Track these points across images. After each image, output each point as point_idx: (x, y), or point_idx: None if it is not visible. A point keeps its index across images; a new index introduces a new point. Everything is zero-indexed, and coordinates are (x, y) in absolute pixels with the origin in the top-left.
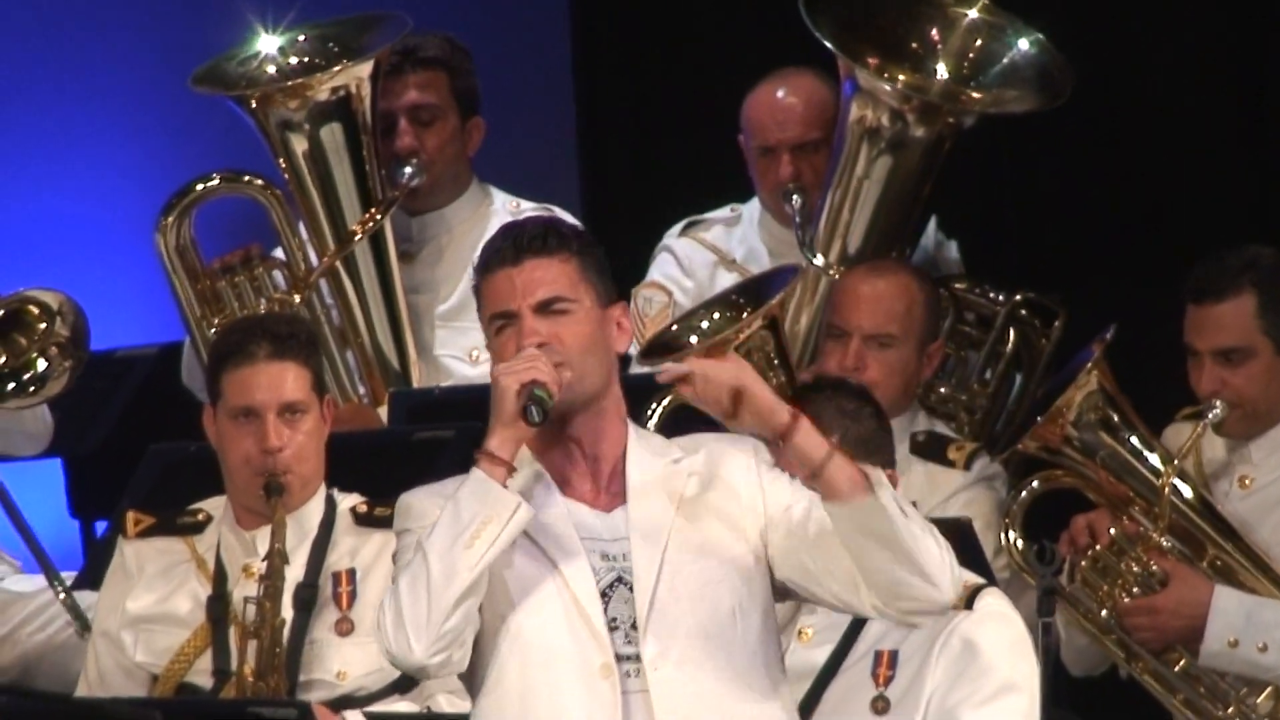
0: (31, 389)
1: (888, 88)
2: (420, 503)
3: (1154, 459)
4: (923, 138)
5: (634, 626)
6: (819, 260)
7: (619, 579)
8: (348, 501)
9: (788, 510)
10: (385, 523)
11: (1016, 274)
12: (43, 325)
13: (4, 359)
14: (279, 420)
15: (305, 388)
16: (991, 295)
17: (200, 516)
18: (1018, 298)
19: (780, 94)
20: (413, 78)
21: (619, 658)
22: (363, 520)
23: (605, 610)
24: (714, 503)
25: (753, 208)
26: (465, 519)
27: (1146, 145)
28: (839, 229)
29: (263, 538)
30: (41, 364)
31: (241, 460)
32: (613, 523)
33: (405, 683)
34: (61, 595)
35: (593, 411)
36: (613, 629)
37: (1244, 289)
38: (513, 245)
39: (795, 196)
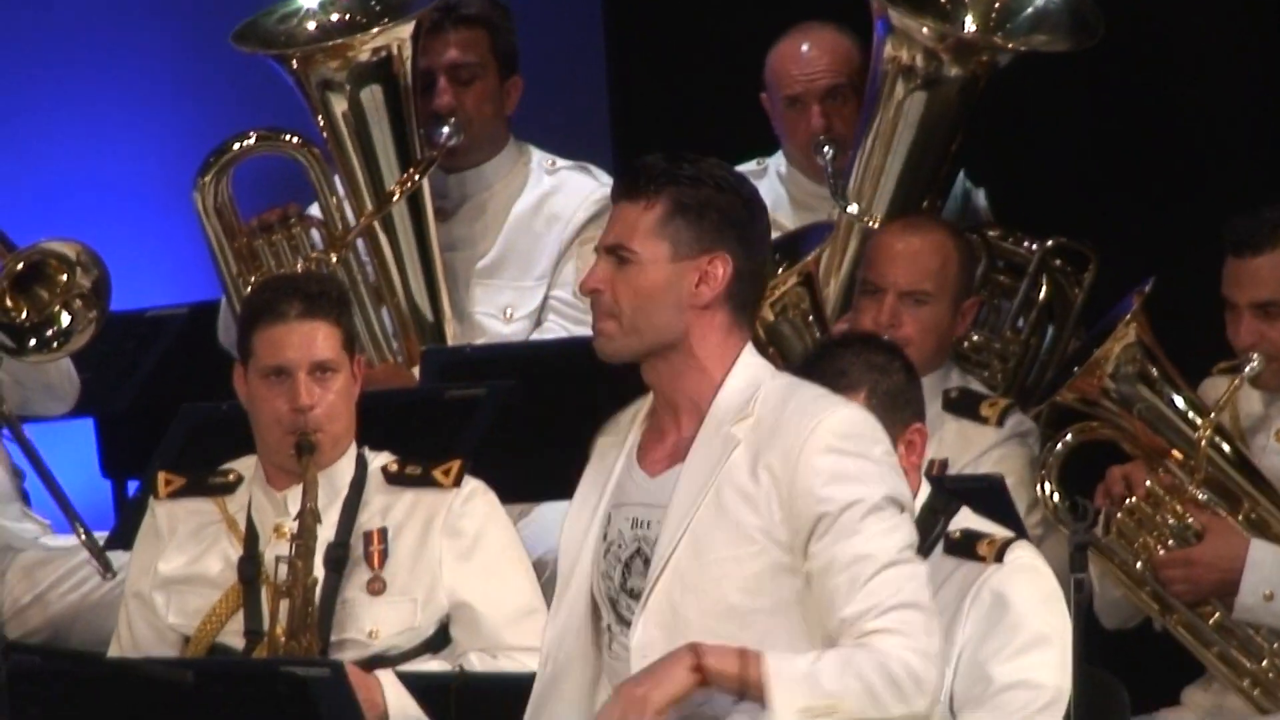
0: (56, 344)
1: (923, 28)
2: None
3: (1191, 412)
4: (957, 77)
5: (633, 596)
6: (852, 208)
7: (637, 551)
8: (378, 460)
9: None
10: (415, 481)
11: (1047, 224)
12: (64, 277)
13: (26, 313)
14: (310, 379)
15: (336, 346)
16: (1024, 243)
17: (231, 477)
18: (1049, 244)
19: (805, 45)
20: (453, 36)
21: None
22: (394, 479)
23: (625, 581)
24: (759, 490)
25: (778, 161)
26: None
27: (1181, 91)
28: (871, 175)
29: (294, 497)
30: (65, 318)
31: (272, 419)
32: (656, 487)
33: (437, 641)
34: (84, 536)
35: (665, 361)
36: (634, 597)
37: None
38: (631, 179)
39: (826, 148)
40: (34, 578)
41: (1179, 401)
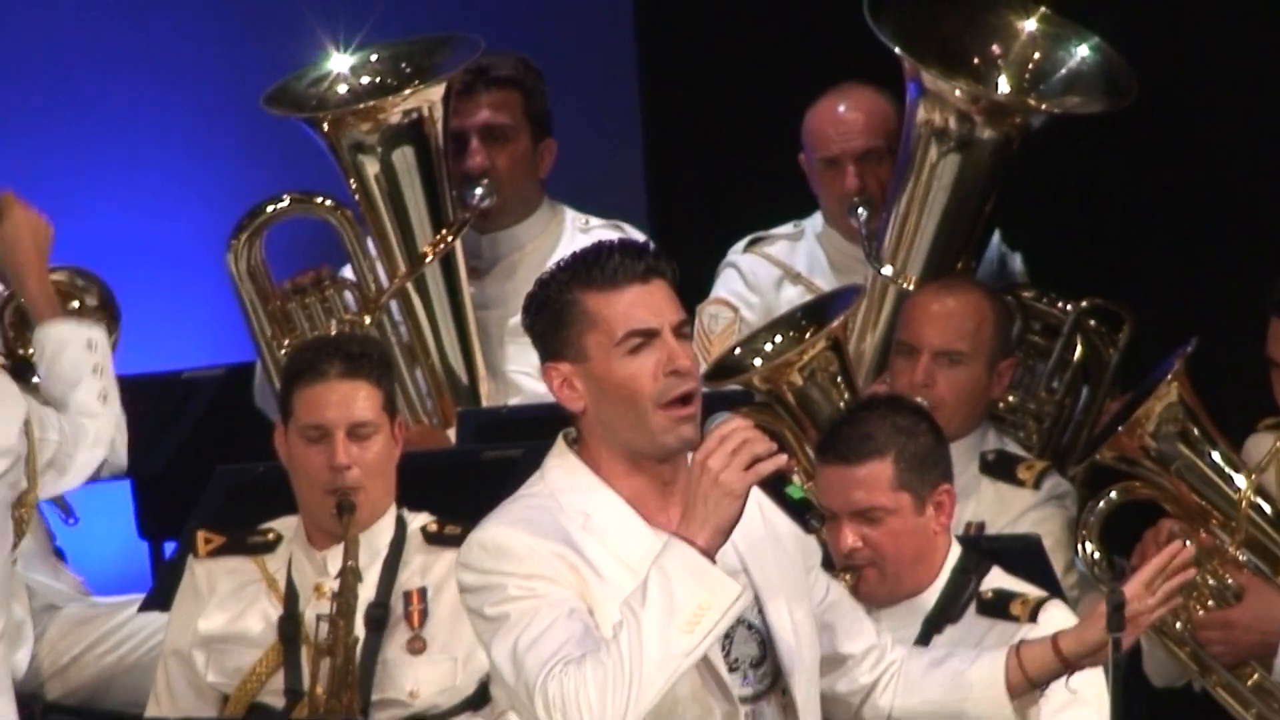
0: None
1: (955, 91)
2: (522, 545)
3: (1233, 472)
4: (990, 139)
5: (753, 666)
6: (887, 270)
7: (738, 619)
8: (418, 521)
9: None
10: (455, 541)
11: (1083, 286)
12: (74, 304)
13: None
14: (348, 439)
15: (376, 407)
16: (1059, 304)
17: (270, 536)
18: (1084, 304)
19: (842, 107)
20: (485, 97)
21: (741, 699)
22: (433, 539)
23: (729, 652)
24: (784, 541)
25: (815, 222)
26: (680, 600)
27: (1215, 151)
28: (906, 237)
29: (334, 557)
30: None
31: (311, 478)
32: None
33: (478, 700)
34: None
35: None
36: (732, 670)
37: None
38: (636, 262)
39: (860, 209)
40: (72, 638)
41: (1220, 461)
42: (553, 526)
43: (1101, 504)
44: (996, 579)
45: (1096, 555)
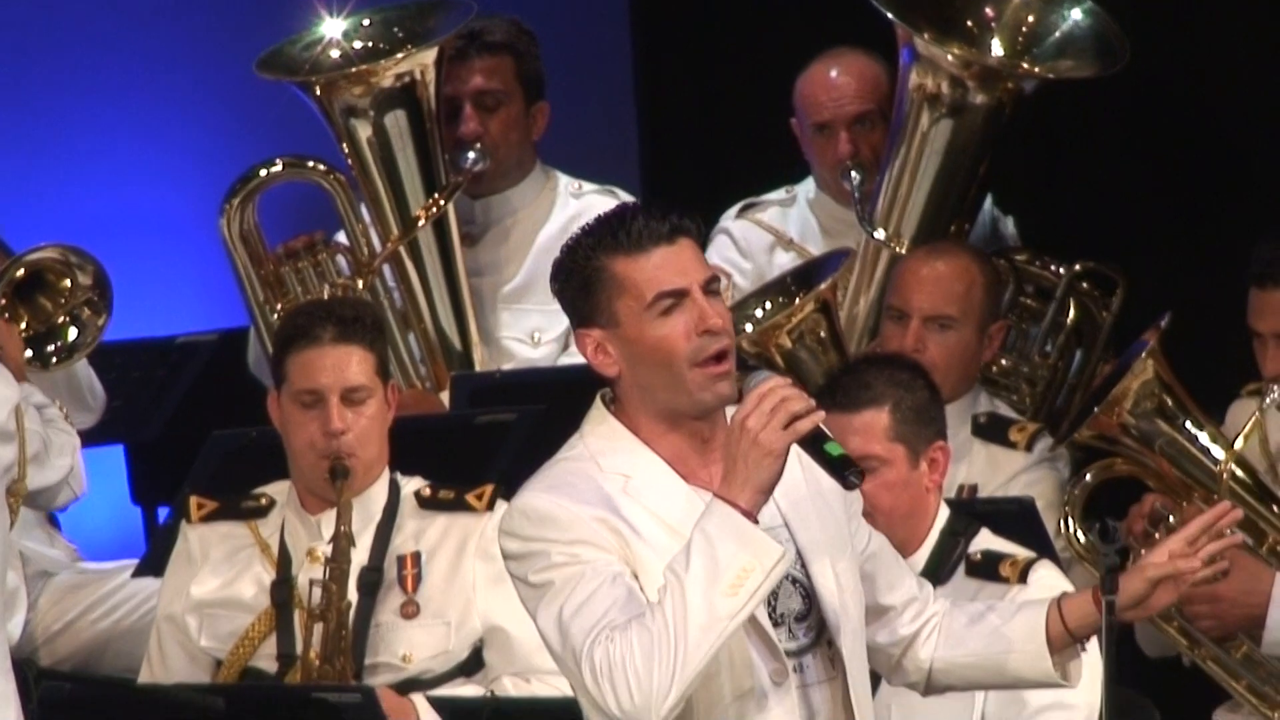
0: (74, 346)
1: (947, 55)
2: (565, 512)
3: (1212, 446)
4: (983, 104)
5: (798, 620)
6: (879, 234)
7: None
8: (411, 485)
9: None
10: (448, 506)
11: (1076, 249)
12: (65, 283)
13: (29, 323)
14: (342, 404)
15: (370, 372)
16: (1052, 267)
17: (264, 501)
18: (1077, 268)
19: (833, 72)
20: (478, 63)
21: (786, 653)
22: (427, 504)
23: (774, 608)
24: (826, 495)
25: (807, 188)
26: (724, 563)
27: (1208, 113)
28: (898, 201)
29: (327, 522)
30: (73, 332)
31: (305, 443)
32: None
33: (471, 665)
34: None
35: None
36: (777, 625)
37: None
38: (660, 223)
39: (854, 173)
40: (66, 604)
41: (1200, 435)
42: (593, 491)
43: (1082, 483)
44: (985, 540)
45: (1080, 535)
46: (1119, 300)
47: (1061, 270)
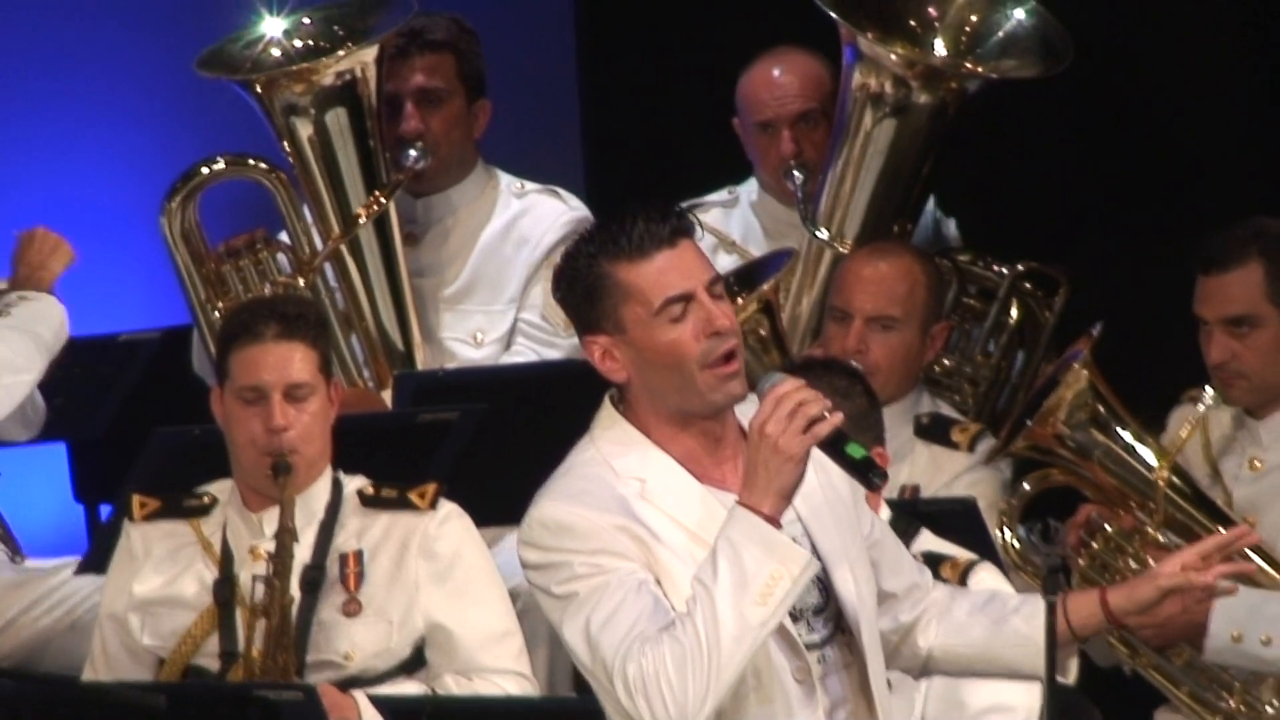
0: None
1: (891, 54)
2: (584, 522)
3: (1147, 454)
4: (927, 103)
5: (815, 613)
6: (822, 233)
7: None
8: (354, 484)
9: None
10: (391, 504)
11: (1018, 250)
12: None
13: None
14: (285, 401)
15: (312, 369)
16: (995, 267)
17: (206, 499)
18: (1020, 268)
19: (776, 71)
20: (419, 60)
21: (807, 646)
22: (369, 502)
23: (793, 604)
24: (836, 484)
25: (749, 189)
26: (751, 571)
27: (1150, 113)
28: (841, 200)
29: (269, 519)
30: None
31: (247, 440)
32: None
33: (413, 663)
34: None
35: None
36: (796, 620)
37: (1251, 258)
38: (660, 226)
39: (796, 173)
40: (7, 602)
41: (1135, 444)
42: (611, 497)
43: (1019, 493)
44: (926, 542)
45: (1016, 544)
46: (1061, 300)
47: (1004, 270)
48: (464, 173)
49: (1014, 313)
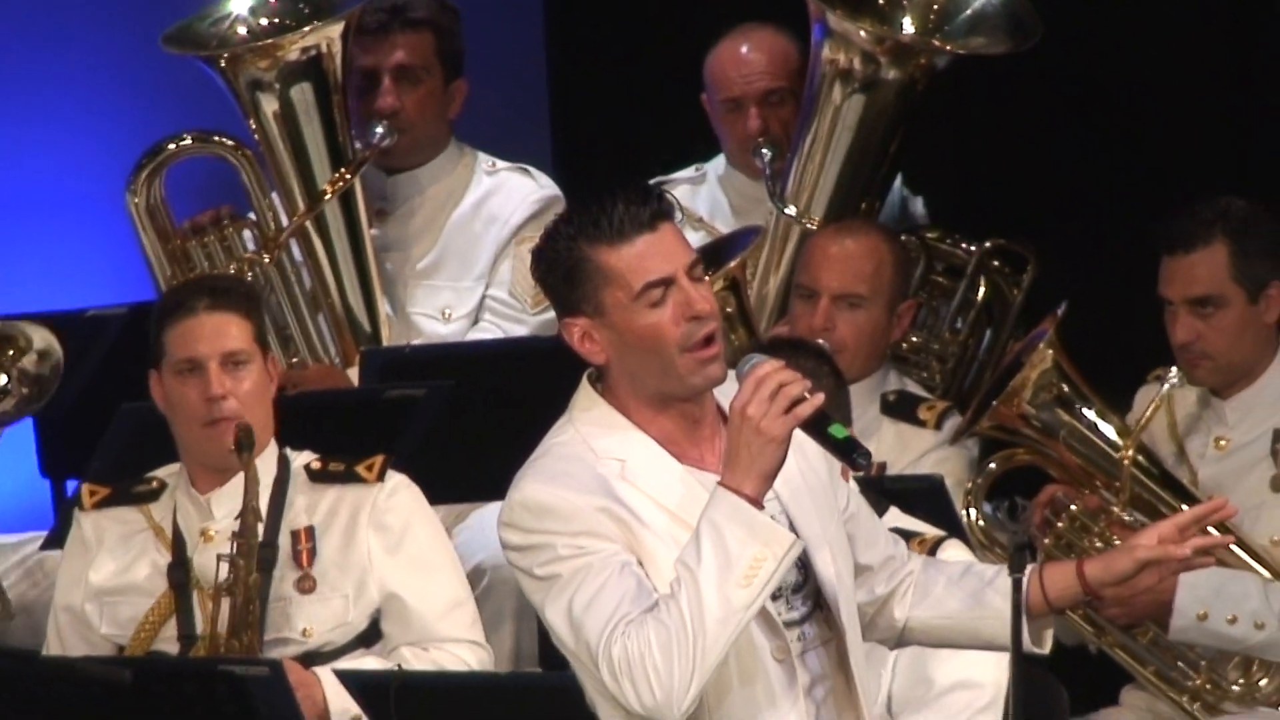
0: None
1: (859, 31)
2: (566, 503)
3: (1112, 433)
4: (895, 79)
5: (794, 591)
6: (790, 210)
7: None
8: (301, 459)
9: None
10: (338, 478)
11: (986, 228)
12: (11, 352)
13: None
14: (222, 370)
15: (248, 338)
16: (963, 245)
17: (154, 484)
18: (988, 245)
19: (744, 48)
20: (400, 37)
21: (786, 625)
22: (317, 477)
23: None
24: (811, 460)
25: (717, 165)
26: (735, 553)
27: (1118, 90)
28: (809, 177)
29: (218, 500)
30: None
31: (188, 415)
32: None
33: (370, 636)
34: None
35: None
36: (774, 599)
37: (1215, 238)
38: (641, 209)
39: (765, 150)
40: None
41: (1100, 423)
42: (592, 479)
43: (984, 473)
44: (893, 519)
45: (982, 523)
46: (1029, 277)
47: (972, 248)
48: (436, 151)
49: (981, 290)
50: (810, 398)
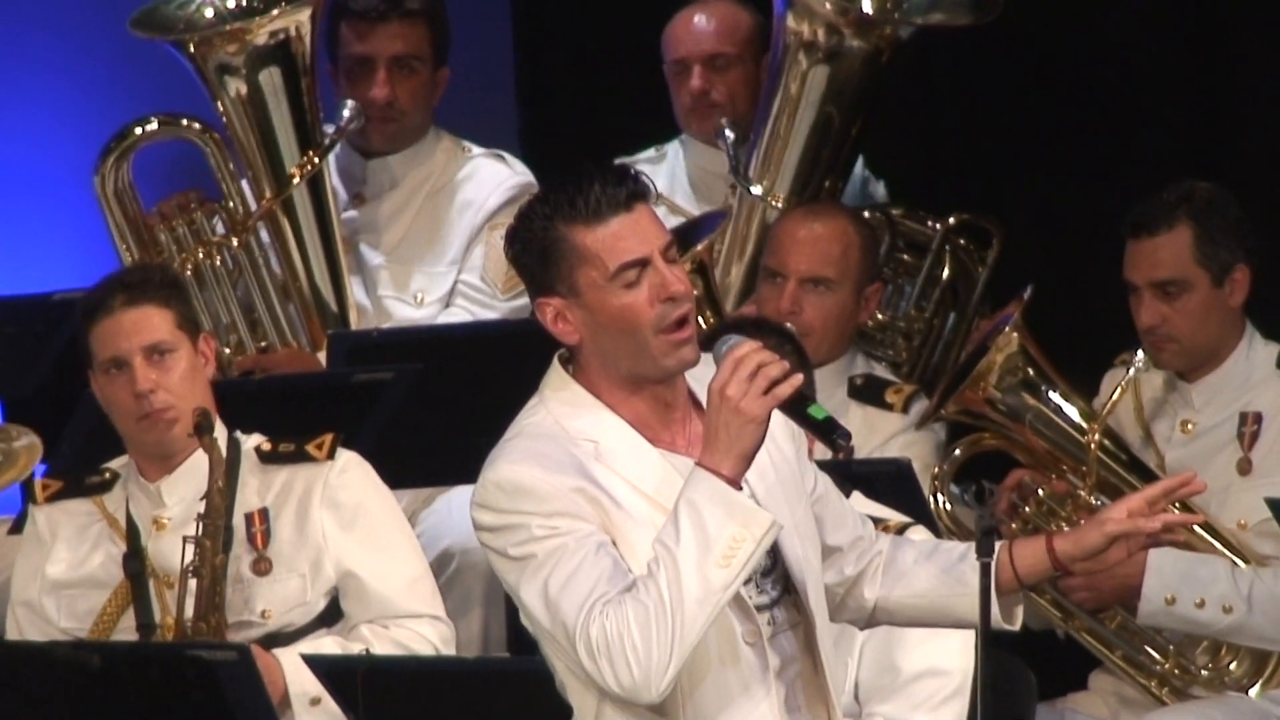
0: None
1: (824, 3)
2: (540, 484)
3: (1078, 417)
4: (860, 49)
5: (764, 575)
6: (757, 190)
7: None
8: (251, 441)
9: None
10: (289, 458)
11: (950, 206)
12: None
13: None
14: (147, 364)
15: (169, 326)
16: (928, 222)
17: (107, 475)
18: (952, 221)
19: (697, 16)
20: (398, 27)
21: (757, 609)
22: (268, 458)
23: None
24: (780, 443)
25: (675, 147)
26: (714, 533)
27: (1081, 62)
28: (774, 153)
29: (168, 488)
30: None
31: (124, 413)
32: None
33: (330, 615)
34: None
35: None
36: (745, 582)
37: (1179, 222)
38: (617, 189)
39: (728, 130)
40: None
41: (1066, 407)
42: (566, 459)
43: (950, 458)
44: (858, 504)
45: (949, 507)
46: (994, 253)
47: (937, 226)
48: (418, 136)
49: (946, 267)
50: (790, 378)
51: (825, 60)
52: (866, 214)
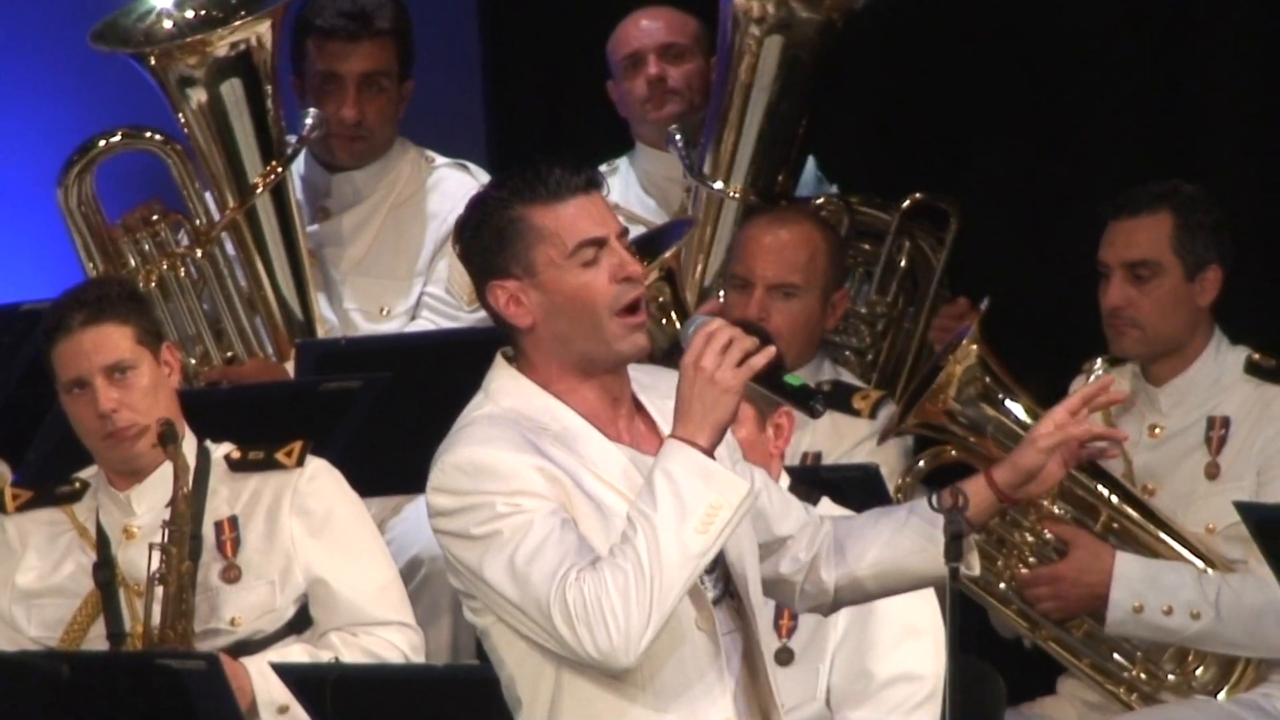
0: None
1: None
2: (502, 462)
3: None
4: (811, 19)
5: (708, 572)
6: (717, 185)
7: None
8: (220, 450)
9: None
10: (259, 466)
11: (905, 191)
12: None
13: None
14: (109, 383)
15: (129, 343)
16: (886, 207)
17: (77, 485)
18: (907, 204)
19: (644, 19)
20: (368, 46)
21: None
22: (237, 466)
23: None
24: (719, 455)
25: (626, 160)
26: (690, 501)
27: (1037, 35)
28: (728, 145)
29: (137, 497)
30: None
31: (88, 431)
32: None
33: (300, 622)
34: None
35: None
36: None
37: (1162, 209)
38: (576, 174)
39: (677, 136)
40: None
41: (1027, 417)
42: (524, 441)
43: (914, 471)
44: (826, 509)
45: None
46: (952, 233)
47: (895, 212)
48: (383, 150)
49: (905, 254)
50: (763, 350)
51: (777, 30)
52: (822, 201)
